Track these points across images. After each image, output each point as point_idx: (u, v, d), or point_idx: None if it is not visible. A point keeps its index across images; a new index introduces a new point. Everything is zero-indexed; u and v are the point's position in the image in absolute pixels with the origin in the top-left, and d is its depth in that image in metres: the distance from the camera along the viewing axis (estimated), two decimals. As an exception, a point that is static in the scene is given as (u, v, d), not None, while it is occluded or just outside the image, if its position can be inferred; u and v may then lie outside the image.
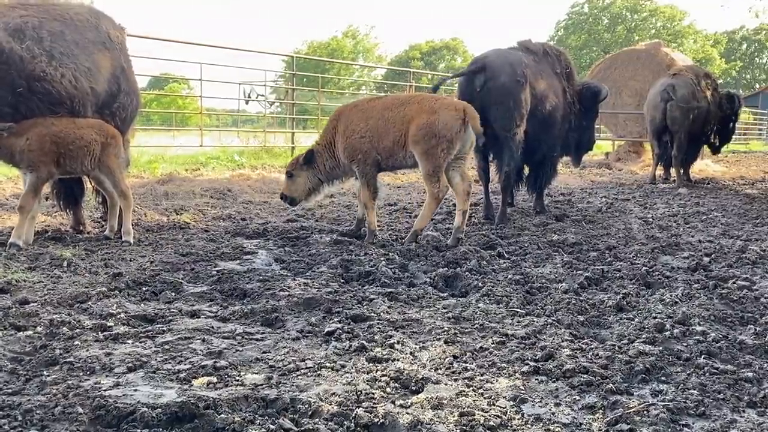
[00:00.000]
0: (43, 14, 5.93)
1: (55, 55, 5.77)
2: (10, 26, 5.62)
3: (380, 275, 4.94)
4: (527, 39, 8.56)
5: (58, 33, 5.89)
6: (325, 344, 3.55)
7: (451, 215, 8.35)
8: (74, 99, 5.89)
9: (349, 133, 6.46)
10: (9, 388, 2.84)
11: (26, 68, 5.58)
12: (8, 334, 3.52)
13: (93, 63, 6.08)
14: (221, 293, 4.49)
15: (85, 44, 6.08)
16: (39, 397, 2.73)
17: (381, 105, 6.52)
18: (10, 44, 5.51)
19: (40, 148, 5.65)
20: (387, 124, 6.34)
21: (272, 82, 31.82)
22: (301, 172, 6.64)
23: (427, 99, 6.40)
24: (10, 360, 3.15)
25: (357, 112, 6.55)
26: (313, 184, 6.70)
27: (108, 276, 4.78)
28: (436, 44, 71.95)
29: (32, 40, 5.68)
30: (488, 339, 3.60)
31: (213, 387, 2.91)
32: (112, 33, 6.40)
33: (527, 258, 5.76)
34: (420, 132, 6.10)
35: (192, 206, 8.57)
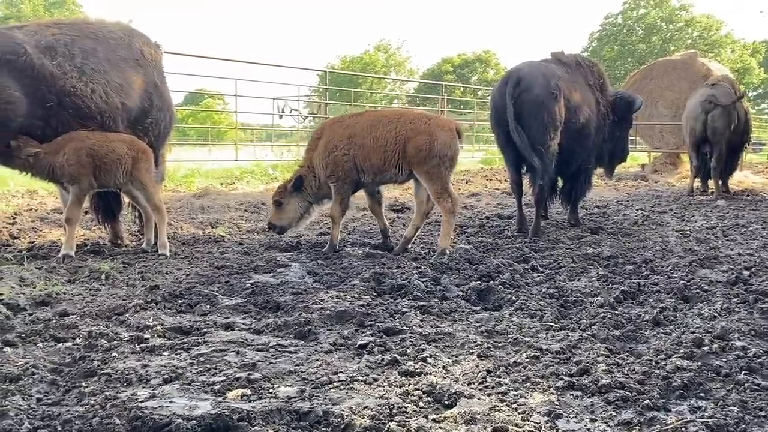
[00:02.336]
0: (76, 32, 6.11)
1: (86, 71, 5.93)
2: (42, 44, 5.81)
3: (412, 288, 4.93)
4: (560, 51, 8.52)
5: (90, 50, 6.05)
6: (357, 357, 3.55)
7: (484, 228, 8.31)
8: (104, 114, 6.04)
9: (330, 149, 6.37)
10: (49, 399, 2.91)
11: (57, 84, 5.75)
12: (48, 346, 3.60)
13: (125, 79, 6.22)
14: (255, 306, 4.53)
15: (116, 61, 6.22)
16: (78, 407, 2.78)
17: (366, 122, 6.41)
18: (41, 60, 5.69)
19: (78, 161, 5.81)
20: (376, 143, 6.26)
21: (305, 96, 32.15)
22: (290, 199, 6.52)
23: (418, 118, 6.39)
24: (51, 371, 3.22)
25: (340, 128, 6.46)
26: (303, 209, 6.60)
27: (145, 289, 4.86)
28: (468, 57, 71.89)
29: (63, 57, 5.85)
30: (522, 353, 3.56)
31: (247, 399, 2.94)
32: (146, 50, 6.55)
33: (562, 271, 5.70)
34: (420, 154, 6.15)
35: (227, 220, 8.67)
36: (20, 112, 5.60)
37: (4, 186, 10.62)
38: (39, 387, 3.02)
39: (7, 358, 3.34)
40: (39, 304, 4.40)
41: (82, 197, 6.04)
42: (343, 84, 42.06)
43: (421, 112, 6.64)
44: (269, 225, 6.63)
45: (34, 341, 3.66)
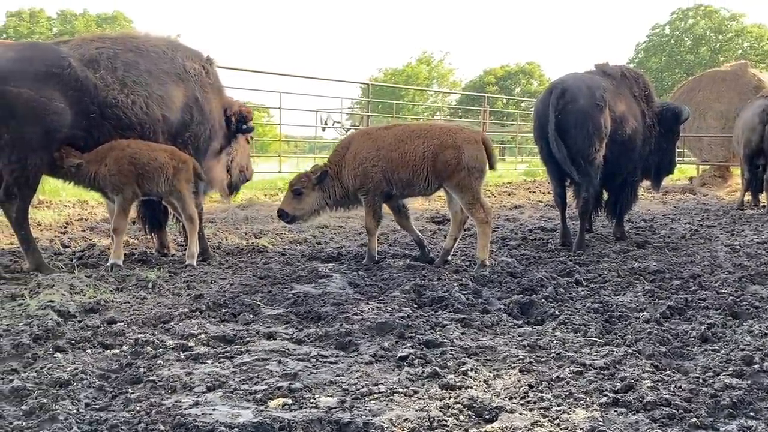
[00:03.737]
0: (119, 46, 6.29)
1: (128, 83, 6.09)
2: (86, 57, 6.00)
3: (453, 301, 4.91)
4: (604, 62, 8.43)
5: (132, 63, 6.22)
6: (397, 369, 3.55)
7: (526, 241, 8.23)
8: (144, 125, 6.18)
9: (360, 161, 6.37)
10: (97, 404, 2.98)
11: (99, 95, 5.93)
12: (97, 352, 3.69)
13: (165, 92, 6.36)
14: (297, 316, 4.57)
15: (158, 74, 6.37)
16: (124, 413, 2.84)
17: (394, 135, 6.43)
18: (84, 73, 5.87)
19: (119, 170, 5.96)
20: (405, 157, 6.30)
21: (348, 109, 32.40)
22: (311, 192, 6.43)
23: (446, 132, 6.42)
24: (99, 377, 3.30)
25: (368, 141, 6.46)
26: (319, 206, 6.52)
27: (190, 297, 4.95)
28: (512, 68, 71.56)
29: (106, 70, 6.04)
30: (565, 368, 3.51)
31: (288, 409, 2.96)
32: (188, 65, 6.67)
33: (606, 286, 5.60)
34: (449, 167, 6.22)
35: (270, 230, 8.78)
36: (65, 122, 5.79)
37: (56, 196, 10.95)
38: (87, 392, 3.10)
39: (57, 364, 3.44)
40: (88, 312, 4.52)
41: (127, 207, 6.18)
42: (385, 96, 42.25)
43: (448, 126, 6.66)
44: (280, 212, 6.49)
45: (83, 347, 3.75)
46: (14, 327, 3.98)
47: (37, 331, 3.91)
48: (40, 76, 5.65)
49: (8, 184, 5.68)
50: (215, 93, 7.00)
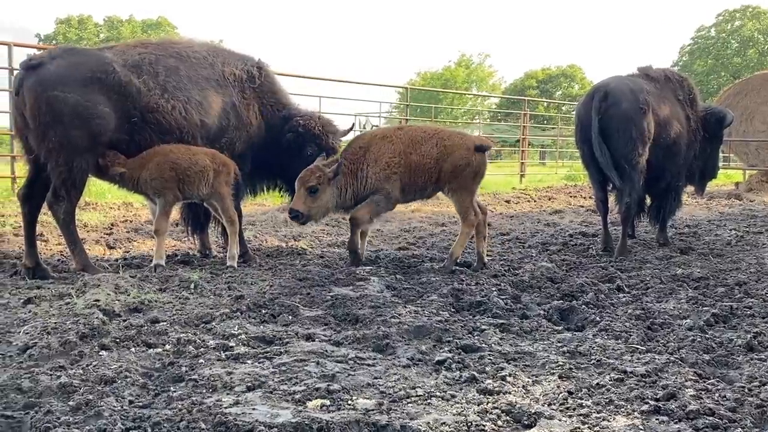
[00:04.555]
0: (161, 51, 6.41)
1: (168, 88, 6.21)
2: (129, 62, 6.14)
3: (492, 306, 4.88)
4: (648, 65, 8.30)
5: (172, 68, 6.33)
6: (435, 373, 3.55)
7: (567, 246, 8.14)
8: (183, 130, 6.29)
9: (383, 165, 6.19)
10: (140, 401, 3.05)
11: (141, 100, 6.05)
12: (140, 351, 3.77)
13: (204, 97, 6.45)
14: (335, 318, 4.60)
15: (197, 80, 6.47)
16: (166, 411, 2.90)
17: (408, 138, 6.30)
18: (127, 77, 6.01)
19: (161, 175, 6.08)
20: (422, 159, 6.22)
21: (386, 113, 32.48)
22: (326, 188, 6.05)
23: (455, 134, 6.47)
24: (142, 375, 3.38)
25: (387, 144, 6.26)
26: (332, 204, 6.18)
27: (231, 298, 5.02)
28: (553, 71, 70.84)
29: (148, 75, 6.16)
30: (605, 375, 3.46)
31: (326, 410, 2.98)
32: (227, 70, 6.74)
33: (649, 292, 5.51)
34: (458, 169, 6.23)
35: (309, 233, 8.86)
36: (109, 126, 5.93)
37: (102, 198, 11.23)
38: (131, 390, 3.16)
39: (102, 361, 3.52)
40: (132, 311, 4.63)
41: (169, 209, 6.31)
42: (424, 100, 42.15)
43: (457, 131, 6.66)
44: (293, 212, 6.08)
45: (127, 346, 3.84)
46: (62, 325, 4.08)
47: (84, 329, 4.01)
48: (85, 81, 5.80)
49: (56, 186, 5.85)
50: (262, 98, 6.97)
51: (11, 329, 4.14)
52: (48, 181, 5.93)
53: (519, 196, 16.16)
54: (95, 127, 5.84)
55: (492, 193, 16.81)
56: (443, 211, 12.66)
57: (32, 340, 3.83)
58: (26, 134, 5.89)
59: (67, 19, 65.56)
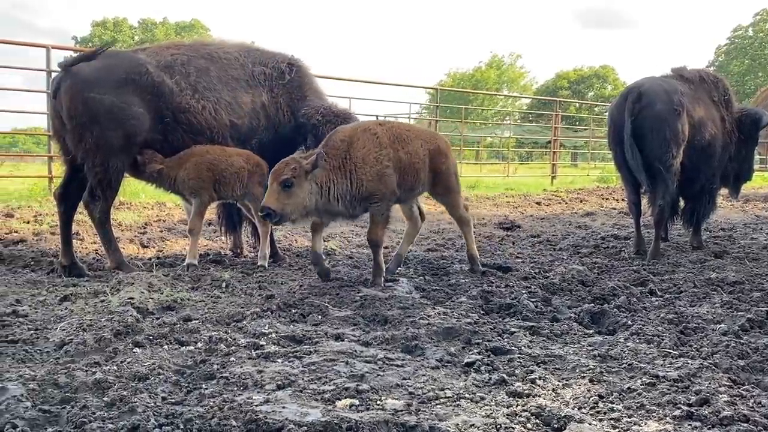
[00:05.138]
0: (193, 52, 6.49)
1: (199, 89, 6.28)
2: (162, 63, 6.23)
3: (522, 308, 4.85)
4: (682, 66, 8.17)
5: (203, 69, 6.40)
6: (464, 375, 3.54)
7: (598, 249, 8.05)
8: (213, 130, 6.35)
9: (372, 162, 5.53)
10: (173, 398, 3.09)
11: (174, 100, 6.14)
12: (173, 348, 3.83)
13: (234, 98, 6.50)
14: (364, 318, 4.62)
15: (228, 80, 6.53)
16: (198, 408, 2.94)
17: (392, 134, 5.75)
18: (161, 78, 6.10)
19: (198, 175, 6.18)
20: (411, 157, 5.80)
21: (416, 114, 32.44)
22: (303, 183, 5.24)
23: (430, 131, 6.33)
24: (174, 372, 3.43)
25: (371, 138, 5.61)
26: (311, 202, 5.33)
27: (261, 297, 5.08)
28: (585, 72, 70.09)
29: (180, 75, 6.25)
30: (637, 380, 3.42)
31: (355, 409, 3.00)
32: (257, 69, 6.77)
33: (682, 296, 5.42)
34: (444, 167, 6.09)
35: (338, 234, 8.90)
36: (144, 127, 6.03)
37: (136, 198, 11.42)
38: (164, 386, 3.22)
39: (136, 358, 3.59)
40: (165, 309, 4.70)
41: (203, 209, 6.41)
42: (454, 101, 42.05)
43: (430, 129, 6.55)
44: (263, 210, 5.21)
45: (160, 343, 3.90)
46: (97, 322, 4.17)
47: (118, 326, 4.08)
48: (120, 83, 5.91)
49: (92, 186, 5.97)
50: (291, 93, 6.93)
51: (48, 326, 4.24)
52: (83, 181, 6.05)
53: (550, 197, 16.03)
54: (130, 127, 5.94)
55: (522, 195, 16.71)
56: (473, 213, 12.62)
57: (68, 336, 3.91)
58: (63, 135, 6.02)
59: (103, 21, 66.80)
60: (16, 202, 10.50)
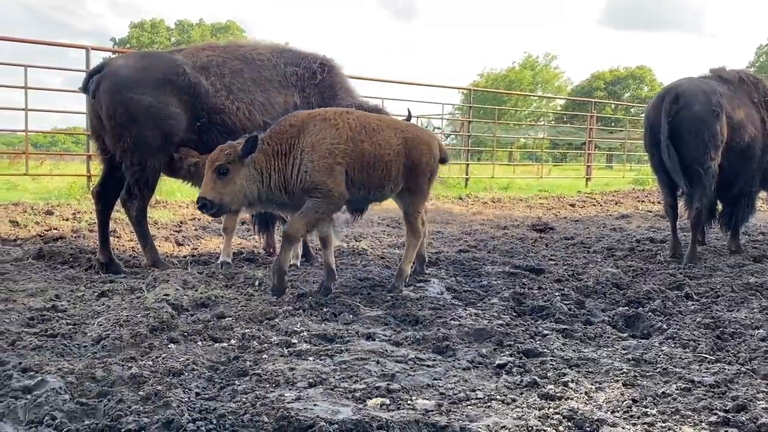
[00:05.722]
0: (227, 54, 6.56)
1: (234, 90, 6.34)
2: (198, 64, 6.31)
3: (555, 311, 4.81)
4: (721, 66, 8.01)
5: (237, 70, 6.47)
6: (495, 376, 3.53)
7: (633, 252, 7.94)
8: (247, 130, 6.37)
9: (323, 153, 5.02)
10: (206, 394, 3.14)
11: (210, 101, 6.21)
12: (207, 345, 3.89)
13: (267, 99, 6.55)
14: (395, 318, 4.63)
15: (261, 81, 6.59)
16: (231, 404, 2.98)
17: (359, 124, 5.24)
18: (197, 78, 6.18)
19: None
20: (379, 150, 5.22)
21: (449, 114, 32.35)
22: (240, 169, 4.89)
23: (412, 125, 5.67)
24: (208, 368, 3.48)
25: (329, 128, 5.11)
26: (251, 191, 4.97)
27: (293, 296, 5.12)
28: (621, 73, 69.11)
29: (215, 76, 6.32)
30: (672, 384, 3.36)
31: (386, 408, 3.01)
32: (289, 70, 6.80)
33: (719, 301, 5.32)
34: (421, 165, 5.44)
35: (370, 234, 8.92)
36: (181, 127, 6.12)
37: (172, 197, 11.59)
38: (198, 382, 3.27)
39: (171, 354, 3.65)
40: (199, 306, 4.77)
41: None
42: (487, 102, 41.78)
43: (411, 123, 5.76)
44: (199, 200, 4.90)
45: (194, 340, 3.96)
46: (133, 318, 4.25)
47: (154, 322, 4.15)
48: (158, 83, 6.01)
49: (130, 184, 6.08)
50: (323, 93, 6.95)
51: (86, 321, 4.33)
52: (121, 180, 6.17)
53: (584, 199, 15.86)
54: (167, 127, 6.04)
55: (556, 197, 16.55)
56: (505, 214, 12.54)
57: (105, 331, 4.00)
58: (102, 135, 6.15)
59: (141, 23, 67.94)
60: (56, 200, 10.75)
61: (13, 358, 3.45)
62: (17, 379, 3.12)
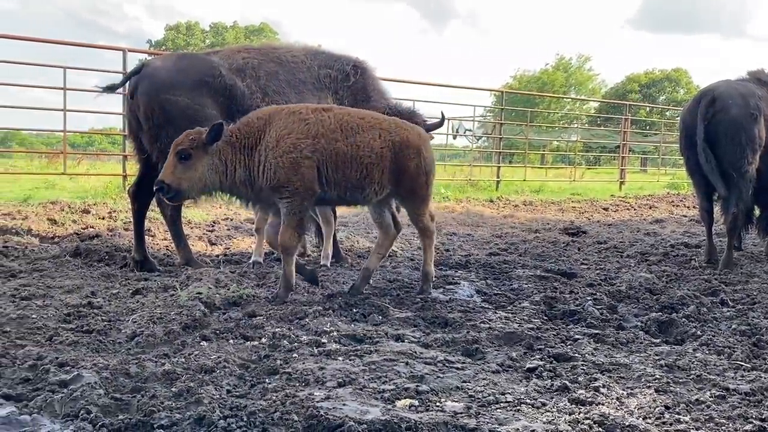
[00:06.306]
0: (263, 56, 6.61)
1: (269, 92, 6.39)
2: (234, 66, 6.37)
3: (586, 315, 4.76)
4: (759, 68, 7.85)
5: (273, 73, 6.51)
6: (525, 380, 3.50)
7: (668, 257, 7.82)
8: None
9: (287, 148, 4.84)
10: (237, 391, 3.18)
11: (245, 102, 6.27)
12: (238, 343, 3.93)
13: (301, 100, 6.56)
14: (424, 320, 4.63)
15: (295, 83, 6.63)
16: (261, 402, 3.01)
17: (337, 121, 5.04)
18: (233, 80, 6.24)
19: None
20: (355, 150, 5.00)
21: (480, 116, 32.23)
22: (203, 156, 4.79)
23: (400, 123, 5.33)
24: (239, 366, 3.52)
25: (300, 123, 4.94)
26: (212, 180, 4.86)
27: (323, 296, 5.15)
28: (657, 75, 68.05)
29: (251, 78, 6.37)
30: (706, 392, 3.31)
31: (415, 410, 3.01)
32: (323, 72, 6.82)
33: (756, 307, 5.21)
34: (413, 163, 5.18)
35: (400, 236, 8.90)
36: None
37: (205, 196, 11.72)
38: (229, 380, 3.31)
39: (203, 351, 3.70)
40: (231, 305, 4.83)
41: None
42: (519, 104, 41.46)
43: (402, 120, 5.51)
44: (158, 184, 4.80)
45: (226, 338, 4.01)
46: (166, 315, 4.31)
47: (186, 320, 4.22)
48: (195, 85, 6.09)
49: None
50: (356, 95, 6.93)
51: (121, 318, 4.41)
52: (156, 180, 6.26)
53: (618, 203, 15.66)
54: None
55: (589, 200, 16.37)
56: (537, 217, 12.45)
57: (139, 328, 4.07)
58: (139, 135, 6.26)
59: (176, 25, 68.92)
60: (92, 199, 10.96)
61: (50, 353, 3.53)
62: (54, 374, 3.20)
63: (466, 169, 20.12)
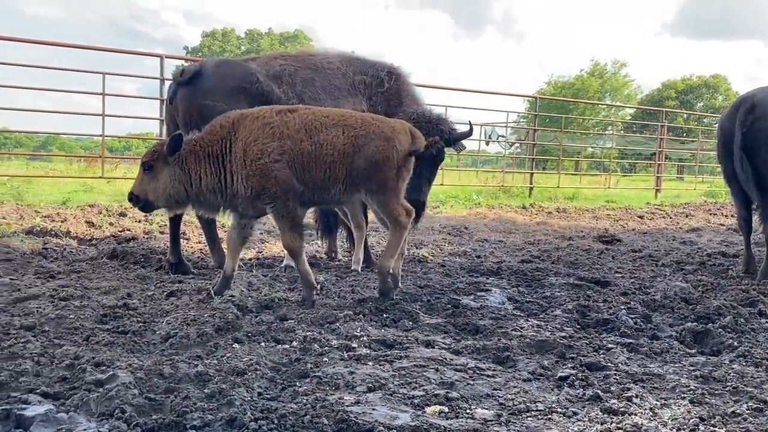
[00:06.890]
0: (299, 63, 6.68)
1: (305, 98, 6.45)
2: (271, 73, 6.45)
3: (620, 324, 4.70)
4: (802, 74, 7.67)
5: (309, 79, 6.58)
6: (557, 389, 3.47)
7: (704, 266, 7.68)
8: None
9: (254, 155, 4.85)
10: (268, 394, 3.21)
11: None
12: (270, 346, 3.97)
13: (336, 106, 6.64)
14: (455, 327, 4.61)
15: (331, 90, 6.68)
16: (291, 405, 3.03)
17: (301, 122, 4.98)
18: (270, 87, 6.31)
19: None
20: (319, 150, 4.93)
21: (513, 122, 32.03)
22: (163, 167, 4.89)
23: (370, 120, 5.21)
24: (270, 369, 3.55)
25: (264, 128, 4.91)
26: (176, 191, 4.92)
27: (354, 301, 5.17)
28: (694, 82, 66.93)
29: (288, 85, 6.44)
30: (743, 404, 3.24)
31: (444, 416, 3.00)
32: (357, 78, 6.87)
33: (796, 319, 5.08)
34: (380, 156, 5.03)
35: (430, 241, 8.91)
36: None
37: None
38: (260, 382, 3.34)
39: (235, 354, 3.74)
40: (263, 308, 4.87)
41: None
42: (553, 110, 41.00)
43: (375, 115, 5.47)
44: (130, 196, 5.09)
45: (257, 341, 4.05)
46: (200, 317, 4.37)
47: (219, 322, 4.27)
48: (233, 91, 6.17)
49: None
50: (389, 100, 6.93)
51: (155, 319, 4.48)
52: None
53: (653, 211, 15.43)
54: None
55: (624, 208, 16.16)
56: (571, 224, 12.32)
57: (173, 330, 4.13)
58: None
59: (212, 32, 69.95)
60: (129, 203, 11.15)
61: (87, 353, 3.61)
62: (90, 373, 3.26)
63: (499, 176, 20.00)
